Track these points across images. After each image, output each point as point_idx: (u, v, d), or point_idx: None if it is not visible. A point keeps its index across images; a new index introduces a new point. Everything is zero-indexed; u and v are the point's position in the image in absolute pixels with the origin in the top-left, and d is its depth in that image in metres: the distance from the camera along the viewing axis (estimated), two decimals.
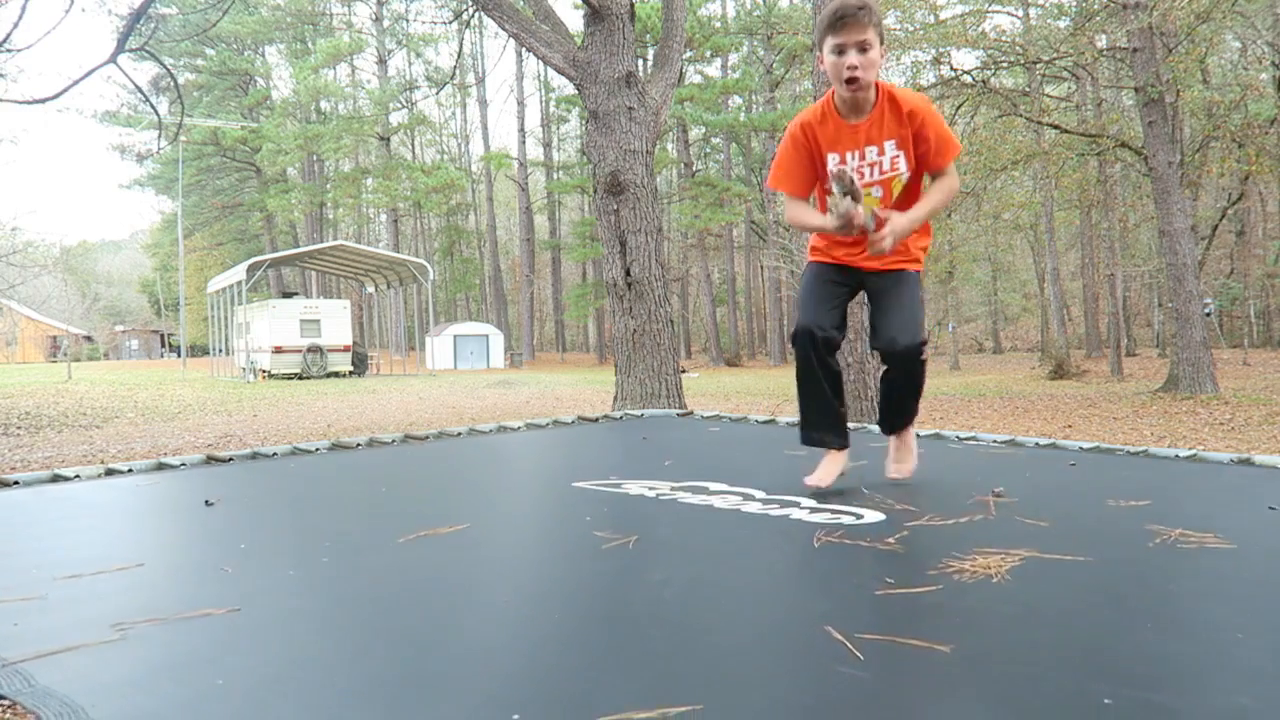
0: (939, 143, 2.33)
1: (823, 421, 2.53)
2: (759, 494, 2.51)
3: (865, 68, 2.24)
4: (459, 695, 1.26)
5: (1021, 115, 15.01)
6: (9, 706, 1.28)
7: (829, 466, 2.55)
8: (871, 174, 2.32)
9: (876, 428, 4.51)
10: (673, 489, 2.61)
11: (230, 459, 3.72)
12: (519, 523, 2.44)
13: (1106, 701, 1.16)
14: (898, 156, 2.33)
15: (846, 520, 2.22)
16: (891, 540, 2.04)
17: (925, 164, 2.36)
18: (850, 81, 2.26)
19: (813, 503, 2.40)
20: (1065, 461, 3.25)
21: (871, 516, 2.25)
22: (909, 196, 2.41)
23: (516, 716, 1.16)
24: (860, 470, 3.20)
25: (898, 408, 2.58)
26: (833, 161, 2.33)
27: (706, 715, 1.15)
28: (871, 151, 2.32)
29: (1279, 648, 1.37)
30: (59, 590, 1.84)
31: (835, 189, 2.23)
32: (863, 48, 2.25)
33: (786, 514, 2.31)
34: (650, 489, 2.63)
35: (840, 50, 2.26)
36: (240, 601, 1.72)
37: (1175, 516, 2.23)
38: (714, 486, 2.59)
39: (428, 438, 4.42)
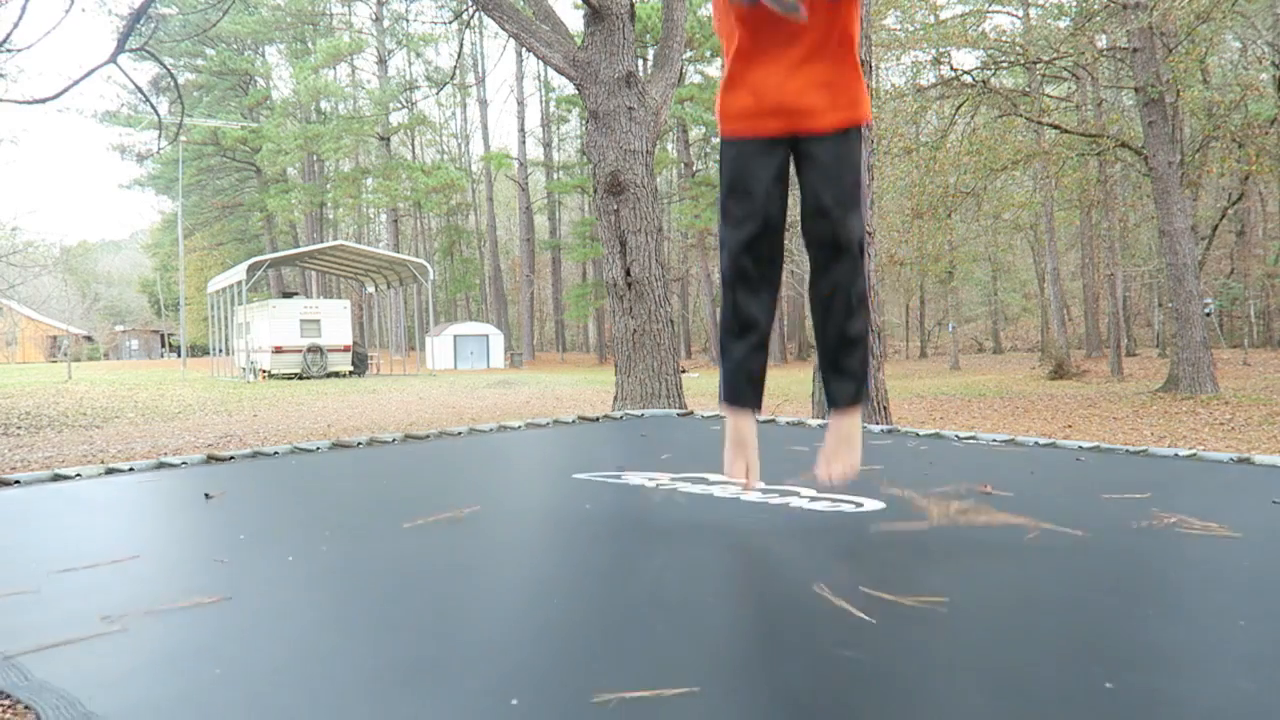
0: None
1: (755, 369, 1.96)
2: (758, 484, 2.50)
3: None
4: (457, 680, 1.25)
5: (1021, 115, 15.00)
6: (6, 700, 1.27)
7: (749, 449, 2.01)
8: None
9: (878, 426, 4.51)
10: (673, 479, 2.60)
11: (231, 458, 3.72)
12: (517, 512, 2.44)
13: (1108, 685, 1.16)
14: None
15: (847, 509, 2.22)
16: (891, 528, 2.04)
17: None
18: None
19: (812, 491, 2.40)
20: (1067, 459, 3.25)
21: (871, 505, 2.25)
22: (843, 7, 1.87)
23: (515, 701, 1.16)
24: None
25: (834, 347, 1.92)
26: None
27: (703, 698, 1.15)
28: None
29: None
30: (52, 584, 1.84)
31: None
32: None
33: (786, 502, 2.31)
34: (650, 479, 2.63)
35: None
36: (237, 591, 1.71)
37: (1177, 506, 2.23)
38: (713, 478, 2.59)
39: (428, 437, 4.42)
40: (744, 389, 1.98)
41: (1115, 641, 1.34)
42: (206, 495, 2.70)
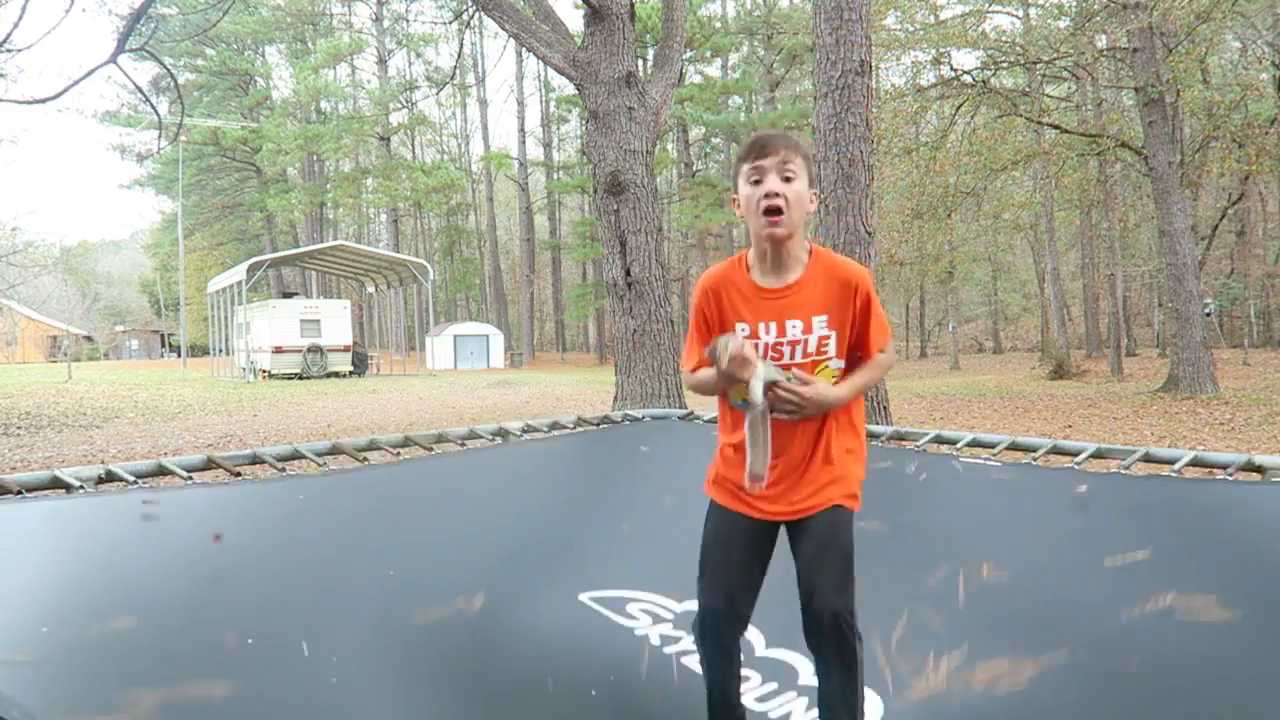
0: (878, 324, 1.86)
1: (735, 691, 1.95)
2: (759, 643, 2.33)
3: (790, 200, 1.77)
4: None
5: (1021, 115, 15.01)
6: None
7: None
8: (793, 355, 1.82)
9: (880, 427, 4.50)
10: (675, 627, 2.47)
11: (238, 474, 3.62)
12: (517, 635, 2.35)
13: None
14: (828, 337, 1.82)
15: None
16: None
17: (858, 347, 1.88)
18: (770, 213, 1.76)
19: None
20: (1067, 492, 3.21)
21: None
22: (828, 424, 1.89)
23: None
24: None
25: (826, 697, 1.86)
26: (739, 336, 1.82)
27: None
28: (794, 327, 1.80)
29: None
30: (53, 641, 1.80)
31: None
32: (786, 175, 1.78)
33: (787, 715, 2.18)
34: (658, 638, 2.47)
35: (758, 177, 1.78)
36: (245, 676, 1.68)
37: (1176, 581, 2.18)
38: None
39: (431, 448, 4.39)
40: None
41: None
42: (216, 537, 2.65)
